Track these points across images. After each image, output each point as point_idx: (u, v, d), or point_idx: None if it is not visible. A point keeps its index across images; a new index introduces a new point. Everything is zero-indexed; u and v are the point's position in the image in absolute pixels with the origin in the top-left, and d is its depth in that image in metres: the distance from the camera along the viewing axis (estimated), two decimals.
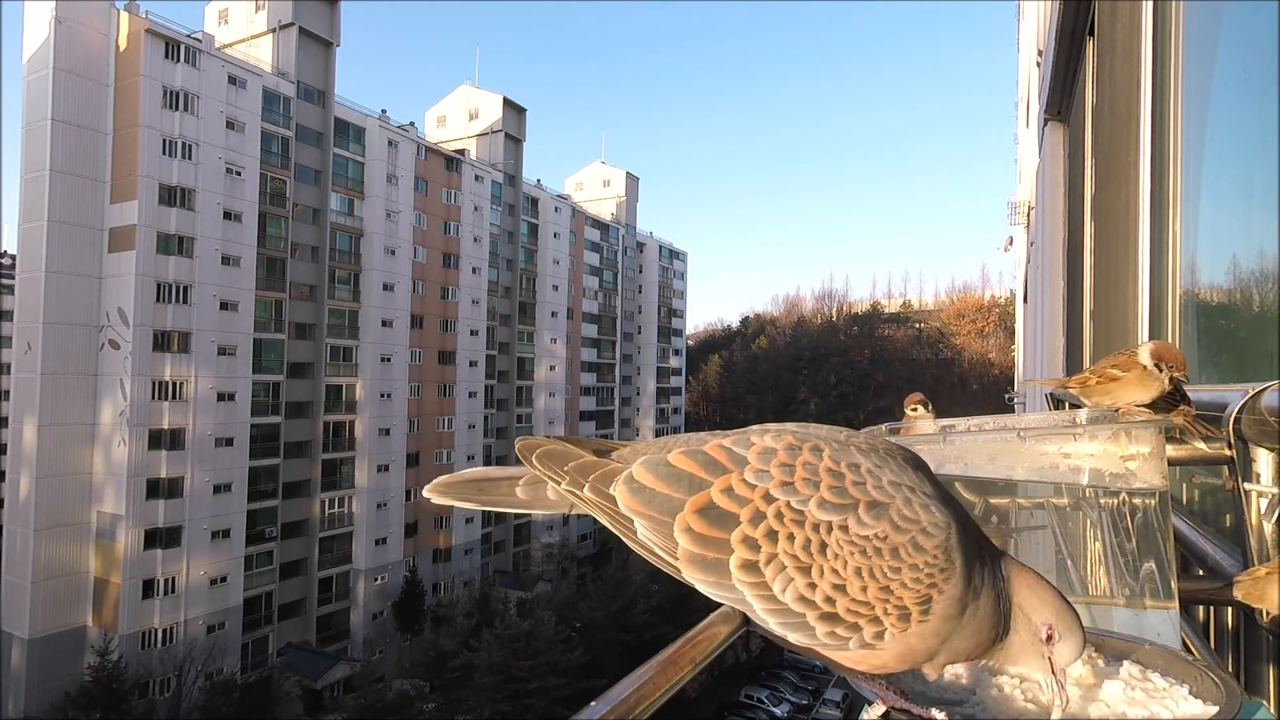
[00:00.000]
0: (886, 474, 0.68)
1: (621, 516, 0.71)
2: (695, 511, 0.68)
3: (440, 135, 56.20)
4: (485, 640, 32.46)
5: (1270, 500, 1.03)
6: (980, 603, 0.66)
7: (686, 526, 0.68)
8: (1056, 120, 5.89)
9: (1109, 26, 3.42)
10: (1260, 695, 1.10)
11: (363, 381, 43.03)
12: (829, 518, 0.66)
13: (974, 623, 0.66)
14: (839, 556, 0.65)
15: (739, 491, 0.68)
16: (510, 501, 0.76)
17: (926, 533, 0.65)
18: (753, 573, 0.67)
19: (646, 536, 0.70)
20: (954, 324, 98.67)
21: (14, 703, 31.16)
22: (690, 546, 0.68)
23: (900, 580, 0.64)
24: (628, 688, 0.60)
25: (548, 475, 0.74)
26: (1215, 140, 2.07)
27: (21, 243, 33.44)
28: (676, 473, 0.71)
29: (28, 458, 31.86)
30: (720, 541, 0.67)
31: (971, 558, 0.67)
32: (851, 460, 0.69)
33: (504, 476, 0.77)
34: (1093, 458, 1.11)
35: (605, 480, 0.72)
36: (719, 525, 0.68)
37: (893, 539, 0.65)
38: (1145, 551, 1.07)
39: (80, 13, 32.86)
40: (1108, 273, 3.49)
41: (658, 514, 0.70)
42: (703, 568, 0.68)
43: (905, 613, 0.64)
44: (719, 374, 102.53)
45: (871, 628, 0.65)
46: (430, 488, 0.76)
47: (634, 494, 0.71)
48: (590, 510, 0.73)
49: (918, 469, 0.72)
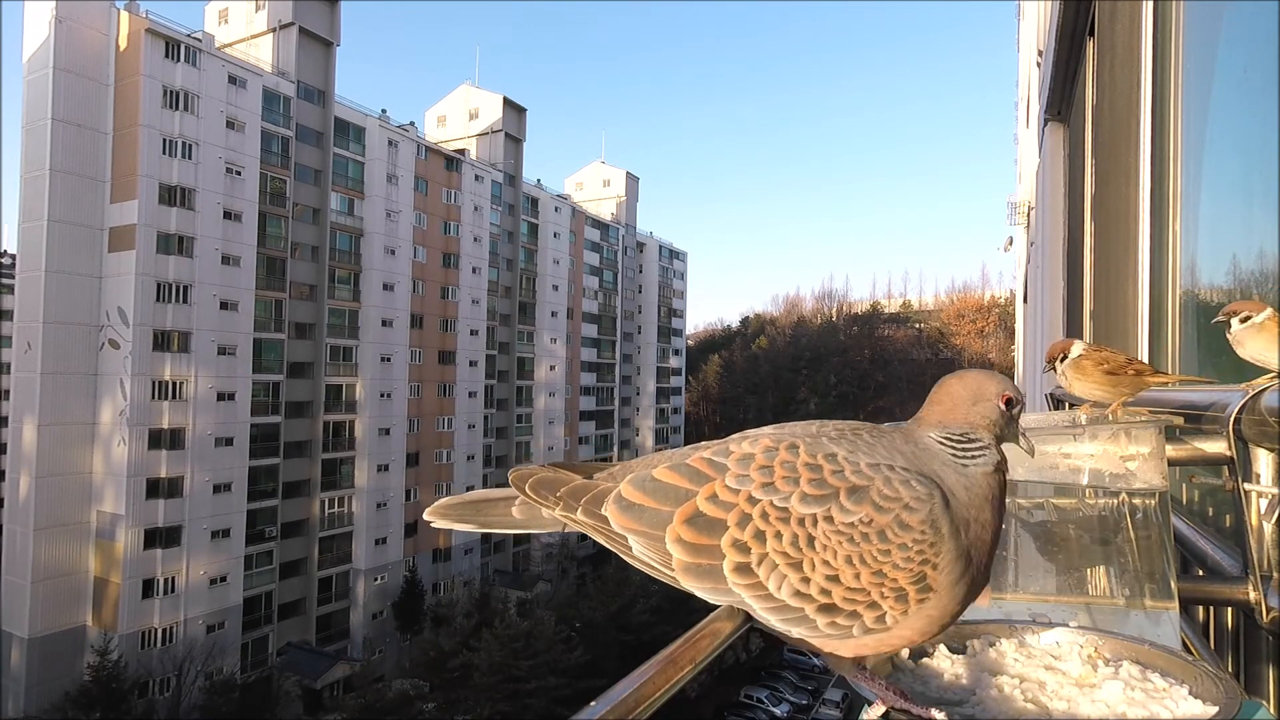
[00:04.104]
0: (863, 457, 0.69)
1: (616, 535, 0.72)
2: (684, 521, 0.70)
3: (440, 135, 56.20)
4: (485, 640, 32.45)
5: (1270, 500, 1.03)
6: (972, 531, 0.68)
7: (677, 537, 0.70)
8: (1056, 120, 5.89)
9: (1109, 26, 3.42)
10: (1260, 695, 1.10)
11: (363, 381, 43.03)
12: (812, 510, 0.67)
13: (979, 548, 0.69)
14: (828, 547, 0.66)
15: (723, 497, 0.69)
16: (508, 522, 0.77)
17: (909, 508, 0.66)
18: (747, 574, 0.68)
19: (642, 552, 0.71)
20: (954, 324, 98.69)
21: (14, 702, 31.16)
22: (684, 556, 0.69)
23: (891, 562, 0.65)
24: (628, 688, 0.60)
25: (541, 503, 0.75)
26: (1215, 140, 2.07)
27: (21, 242, 33.44)
28: (663, 487, 0.72)
29: (28, 457, 31.85)
30: (711, 548, 0.69)
31: (956, 510, 0.68)
32: (827, 451, 0.70)
33: (500, 498, 0.79)
34: (1093, 458, 1.11)
35: (596, 502, 0.74)
36: (708, 532, 0.69)
37: (878, 521, 0.65)
38: (1145, 551, 1.07)
39: (80, 12, 32.85)
40: (1108, 273, 3.49)
41: (649, 529, 0.71)
42: (698, 575, 0.69)
43: (902, 593, 0.65)
44: (719, 374, 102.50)
45: (871, 613, 0.66)
46: (431, 511, 0.77)
47: (624, 512, 0.72)
48: (585, 531, 0.75)
49: (889, 437, 0.73)
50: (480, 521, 0.78)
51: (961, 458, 0.72)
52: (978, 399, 0.74)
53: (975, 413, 0.74)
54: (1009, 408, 0.74)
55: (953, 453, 0.72)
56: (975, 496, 0.70)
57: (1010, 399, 0.74)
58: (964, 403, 0.74)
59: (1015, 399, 0.74)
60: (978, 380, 0.76)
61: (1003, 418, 0.74)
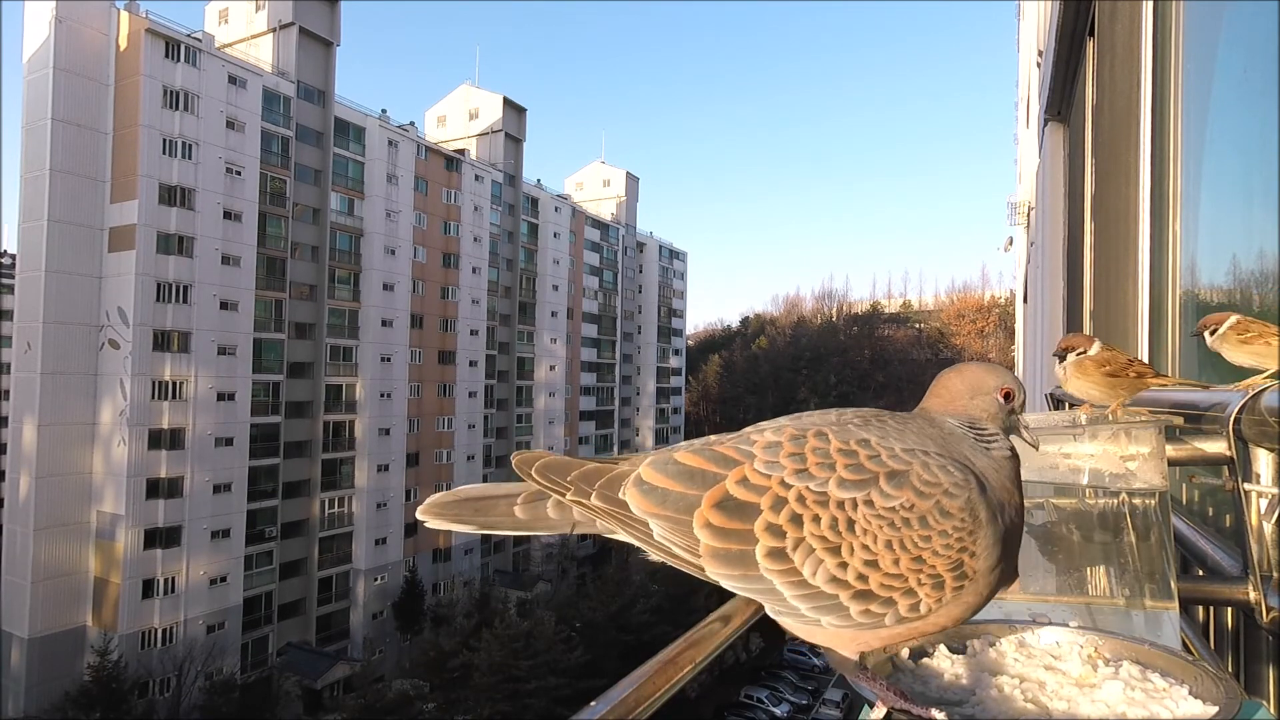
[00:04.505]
0: (896, 442, 0.68)
1: (635, 520, 0.69)
2: (713, 505, 0.67)
3: (440, 135, 56.19)
4: (485, 640, 32.45)
5: (1270, 500, 1.03)
6: (1006, 515, 0.68)
7: (705, 522, 0.66)
8: (1056, 120, 5.89)
9: (1109, 26, 3.42)
10: (1260, 695, 1.10)
11: (363, 381, 43.03)
12: (852, 494, 0.65)
13: (1012, 534, 0.68)
14: (868, 531, 0.64)
15: (754, 481, 0.67)
16: (509, 522, 0.72)
17: (949, 494, 0.65)
18: (781, 560, 0.65)
19: (664, 538, 0.68)
20: (954, 324, 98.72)
21: (14, 702, 31.16)
22: (712, 541, 0.66)
23: (931, 548, 0.64)
24: (628, 688, 0.60)
25: (550, 488, 0.71)
26: (1215, 140, 2.07)
27: (21, 242, 33.44)
28: (688, 470, 0.69)
29: (28, 457, 31.85)
30: (743, 533, 0.66)
31: (991, 495, 0.67)
32: (859, 437, 0.68)
33: (501, 495, 0.74)
34: (1093, 458, 1.11)
35: (612, 485, 0.70)
36: (739, 516, 0.66)
37: (919, 506, 0.64)
38: (1145, 551, 1.07)
39: (80, 12, 32.84)
40: (1108, 273, 3.49)
41: (674, 513, 0.67)
42: (726, 561, 0.66)
43: (939, 581, 0.64)
44: (719, 374, 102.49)
45: (906, 600, 0.64)
46: (424, 509, 0.72)
47: (645, 495, 0.69)
48: (599, 519, 0.70)
49: (914, 422, 0.72)
50: (479, 522, 0.72)
51: (982, 441, 0.71)
52: (976, 392, 0.74)
53: (974, 406, 0.73)
54: (1007, 401, 0.73)
55: (975, 436, 0.71)
56: (1005, 479, 0.70)
57: (1009, 392, 0.73)
58: (962, 396, 0.74)
59: (1014, 392, 0.74)
60: (976, 373, 0.75)
61: (1002, 411, 0.73)
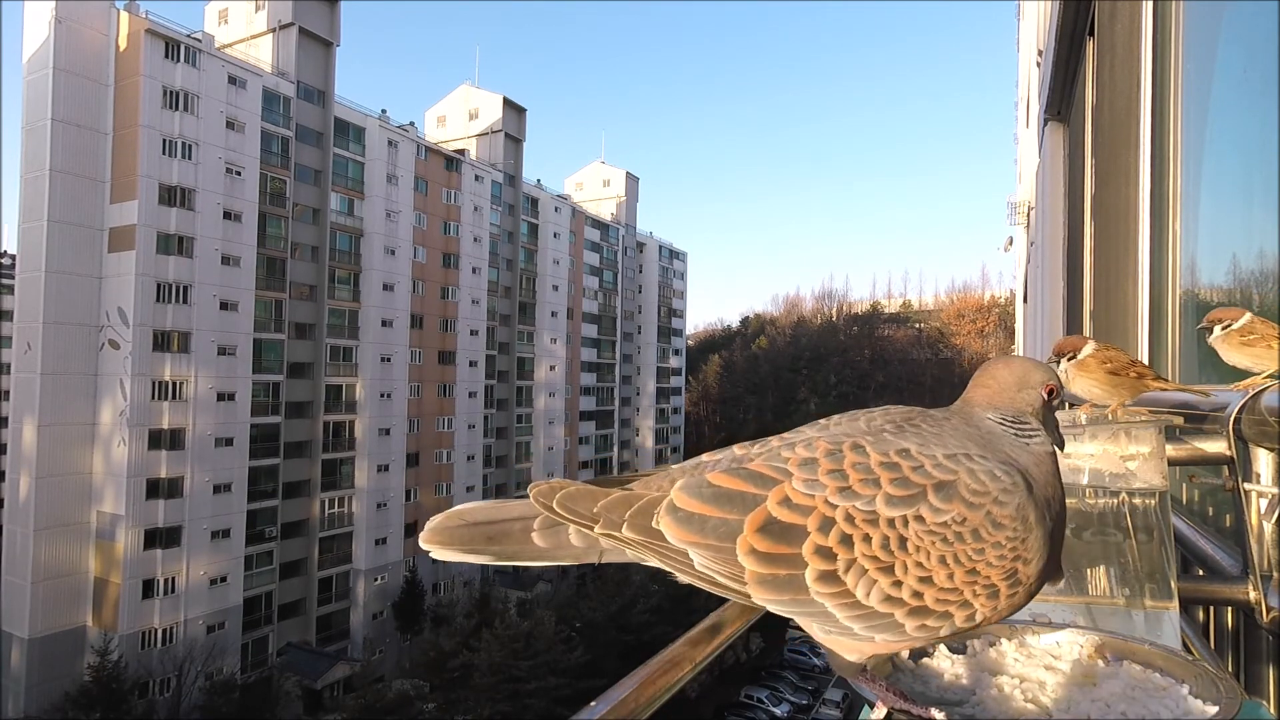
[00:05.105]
0: (937, 449, 0.66)
1: (673, 550, 0.65)
2: (756, 530, 0.64)
3: (440, 135, 56.18)
4: (485, 640, 32.44)
5: (1270, 500, 1.03)
6: (1052, 511, 0.67)
7: (750, 548, 0.64)
8: (1056, 120, 5.88)
9: (1109, 26, 3.42)
10: (1260, 695, 1.10)
11: (363, 381, 43.02)
12: (901, 512, 0.63)
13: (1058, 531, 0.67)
14: (920, 548, 0.63)
15: (797, 501, 0.64)
16: (529, 552, 0.67)
17: (999, 502, 0.63)
18: (832, 583, 0.63)
19: (705, 567, 0.65)
20: (954, 324, 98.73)
21: (14, 703, 31.15)
22: (758, 568, 0.64)
23: (985, 560, 0.62)
24: (628, 688, 0.59)
25: (577, 522, 0.66)
26: (1215, 140, 2.07)
27: (21, 243, 33.43)
28: (724, 493, 0.66)
29: (28, 458, 31.84)
30: (790, 557, 0.63)
31: (1037, 494, 0.66)
32: (898, 446, 0.66)
33: (513, 518, 0.69)
34: (1093, 458, 1.11)
35: (644, 515, 0.66)
36: (785, 540, 0.63)
37: (970, 519, 0.63)
38: (1145, 551, 1.07)
39: (80, 13, 32.83)
40: (1108, 273, 3.49)
41: (715, 540, 0.64)
42: (774, 587, 0.64)
43: (994, 590, 0.63)
44: (719, 374, 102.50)
45: (962, 612, 0.63)
46: (427, 537, 0.67)
47: (681, 524, 0.65)
48: (632, 550, 0.67)
49: (950, 423, 0.71)
50: (495, 552, 0.67)
51: (1022, 436, 0.70)
52: (1023, 385, 0.72)
53: (1020, 399, 0.72)
54: (1050, 397, 0.73)
55: (1015, 432, 0.70)
56: (1047, 474, 0.69)
57: (1053, 389, 0.73)
58: (1010, 388, 0.73)
59: (1057, 390, 0.73)
60: (1024, 367, 0.74)
61: (1045, 407, 0.73)
